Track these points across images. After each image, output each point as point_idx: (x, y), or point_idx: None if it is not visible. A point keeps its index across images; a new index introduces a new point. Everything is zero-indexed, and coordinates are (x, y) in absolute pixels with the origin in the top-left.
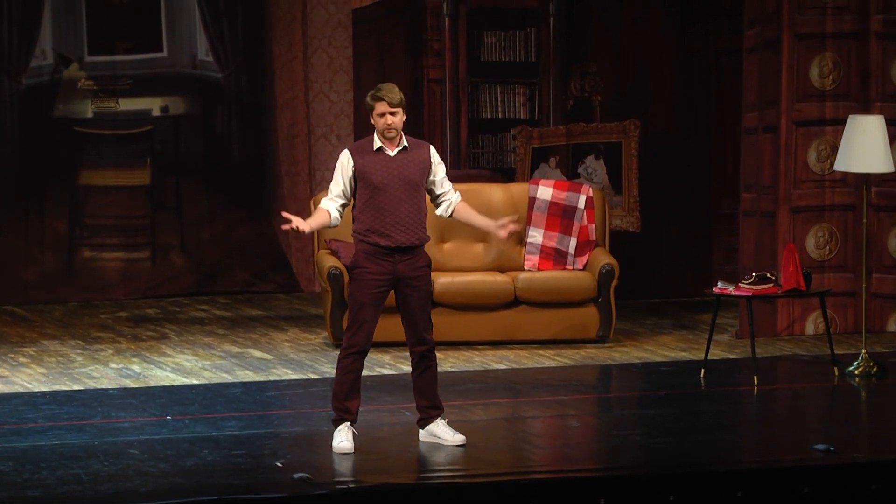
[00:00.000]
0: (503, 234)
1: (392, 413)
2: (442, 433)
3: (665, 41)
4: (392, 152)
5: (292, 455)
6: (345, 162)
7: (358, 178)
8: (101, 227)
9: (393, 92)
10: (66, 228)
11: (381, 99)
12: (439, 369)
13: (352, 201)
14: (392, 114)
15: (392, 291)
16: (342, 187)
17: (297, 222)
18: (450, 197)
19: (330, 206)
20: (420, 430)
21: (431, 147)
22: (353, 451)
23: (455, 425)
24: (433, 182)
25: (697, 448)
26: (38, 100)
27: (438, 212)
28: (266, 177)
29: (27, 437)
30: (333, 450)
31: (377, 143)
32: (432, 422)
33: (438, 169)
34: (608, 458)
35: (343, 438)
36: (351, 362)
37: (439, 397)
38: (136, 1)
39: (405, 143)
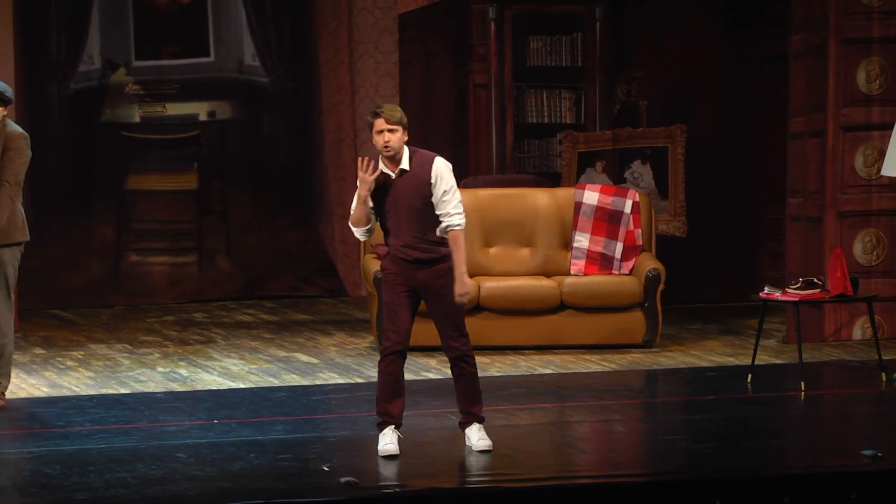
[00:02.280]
0: (456, 298)
1: (437, 417)
2: (470, 436)
3: (711, 46)
4: (393, 175)
5: (338, 459)
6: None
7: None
8: (147, 231)
9: (393, 110)
10: (113, 233)
11: (378, 115)
12: (485, 373)
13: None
14: (390, 131)
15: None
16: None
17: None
18: (444, 221)
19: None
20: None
21: (436, 161)
22: (397, 453)
23: (501, 430)
24: (435, 200)
25: (744, 454)
26: (86, 105)
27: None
28: (312, 181)
29: (74, 440)
30: (378, 453)
31: (381, 166)
32: (469, 426)
33: (439, 186)
34: (654, 463)
35: (387, 441)
36: (388, 364)
37: (478, 405)
38: (184, 6)
39: (406, 164)
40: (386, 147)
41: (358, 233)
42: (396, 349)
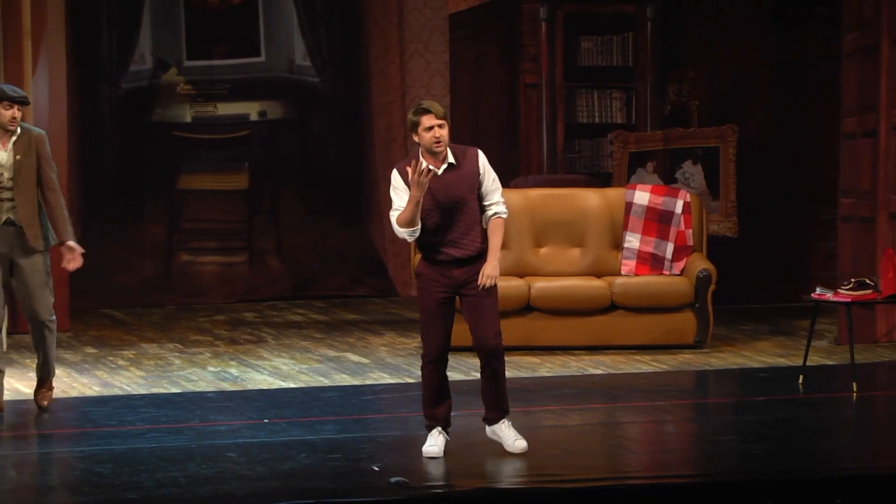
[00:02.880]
0: (479, 279)
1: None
2: (504, 436)
3: (762, 46)
4: (439, 171)
5: (389, 459)
6: (397, 182)
7: None
8: (198, 231)
9: (436, 105)
10: (165, 233)
11: (427, 111)
12: (535, 374)
13: None
14: (440, 126)
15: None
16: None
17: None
18: (489, 210)
19: None
20: (486, 427)
21: (480, 154)
22: (441, 455)
23: (551, 430)
24: (481, 193)
25: (795, 455)
26: (137, 104)
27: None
28: (362, 181)
29: (126, 439)
30: (423, 454)
31: (423, 163)
32: (496, 423)
33: (486, 178)
34: (705, 464)
35: (431, 443)
36: (430, 372)
37: (506, 401)
38: (235, 6)
39: (451, 158)
40: (438, 143)
41: (405, 233)
42: (436, 357)
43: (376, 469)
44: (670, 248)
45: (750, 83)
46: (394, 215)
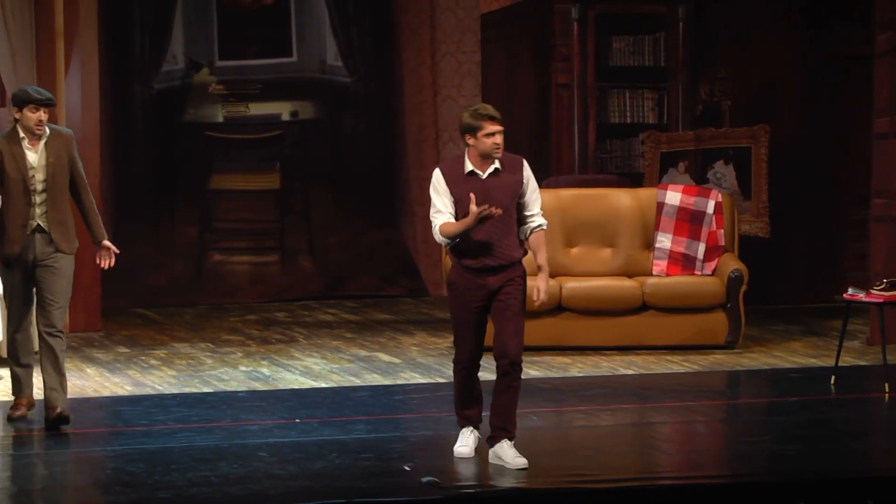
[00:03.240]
0: (534, 296)
1: (519, 418)
2: (504, 454)
3: (794, 46)
4: (484, 175)
5: (420, 459)
6: (439, 183)
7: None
8: (230, 231)
9: (495, 110)
10: (196, 233)
11: (491, 118)
12: (566, 374)
13: None
14: (500, 133)
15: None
16: (447, 208)
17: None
18: (532, 222)
19: (451, 219)
20: (489, 449)
21: (525, 164)
22: (472, 455)
23: (582, 431)
24: (523, 202)
25: (827, 455)
26: (169, 104)
27: (519, 232)
28: (394, 181)
29: (157, 438)
30: (454, 454)
31: (468, 165)
32: (498, 443)
33: (529, 187)
34: (736, 464)
35: (463, 443)
36: (463, 377)
37: (515, 418)
38: (267, 7)
39: (497, 163)
40: (497, 149)
41: (444, 241)
42: (466, 365)
43: (408, 469)
44: (702, 248)
45: (782, 83)
46: (437, 219)
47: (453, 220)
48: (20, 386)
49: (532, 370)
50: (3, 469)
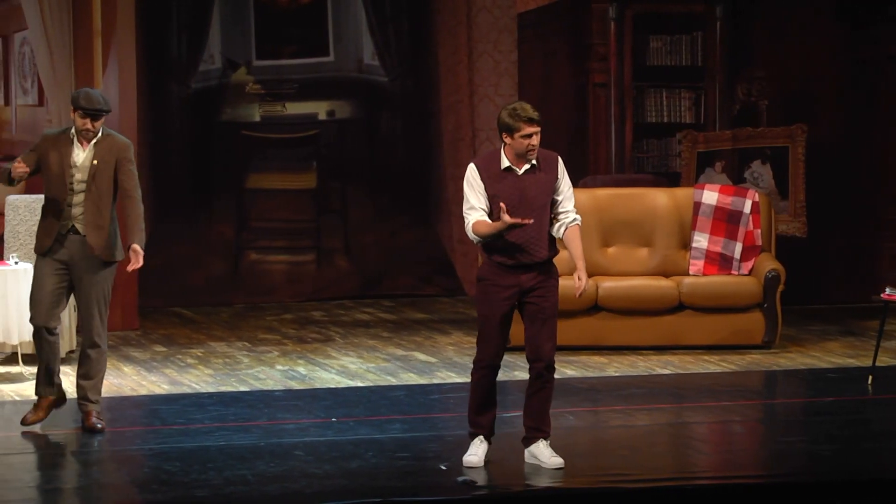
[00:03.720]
0: (576, 285)
1: (555, 417)
2: (540, 454)
3: (833, 46)
4: (520, 171)
5: (456, 458)
6: (474, 179)
7: (487, 197)
8: (266, 230)
9: (535, 111)
10: (233, 232)
11: (531, 121)
12: (602, 374)
13: None
14: (537, 135)
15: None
16: (480, 204)
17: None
18: (565, 218)
19: (485, 217)
20: (524, 449)
21: (560, 161)
22: (481, 465)
23: (618, 431)
24: (557, 199)
25: (864, 455)
26: (206, 104)
27: (553, 230)
28: (430, 181)
29: (194, 437)
30: (463, 463)
31: (505, 161)
32: (534, 443)
33: (563, 183)
34: (773, 464)
35: (472, 452)
36: (480, 377)
37: (549, 418)
38: (304, 6)
39: (534, 160)
40: (532, 151)
41: (476, 239)
42: (489, 363)
43: (444, 468)
44: (739, 247)
45: (820, 83)
46: (470, 216)
47: (487, 218)
48: (39, 385)
49: (568, 370)
50: (40, 467)
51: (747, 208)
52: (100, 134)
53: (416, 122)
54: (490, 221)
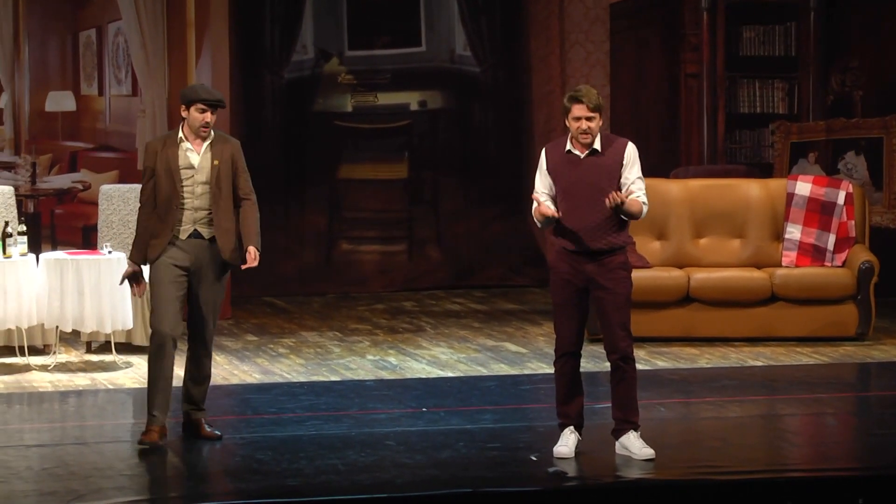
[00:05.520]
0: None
1: (647, 409)
2: (631, 445)
3: None
4: (582, 155)
5: (547, 449)
6: (542, 163)
7: (552, 179)
8: (358, 220)
9: (591, 95)
10: (326, 222)
11: (579, 101)
12: (694, 365)
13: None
14: (588, 119)
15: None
16: (546, 189)
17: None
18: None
19: (549, 203)
20: (615, 442)
21: (629, 146)
22: (572, 455)
23: (710, 422)
24: (624, 183)
25: None
26: (299, 94)
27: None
28: (522, 172)
29: (286, 426)
30: (553, 454)
31: (568, 145)
32: (624, 434)
33: (629, 170)
34: (867, 457)
35: (563, 443)
36: (562, 365)
37: (636, 408)
38: None
39: (598, 145)
40: (584, 134)
41: (538, 222)
42: (568, 350)
43: (534, 459)
44: (832, 239)
45: None
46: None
47: (550, 202)
48: (155, 402)
49: (660, 361)
50: (133, 457)
51: (841, 199)
52: (212, 134)
53: (507, 112)
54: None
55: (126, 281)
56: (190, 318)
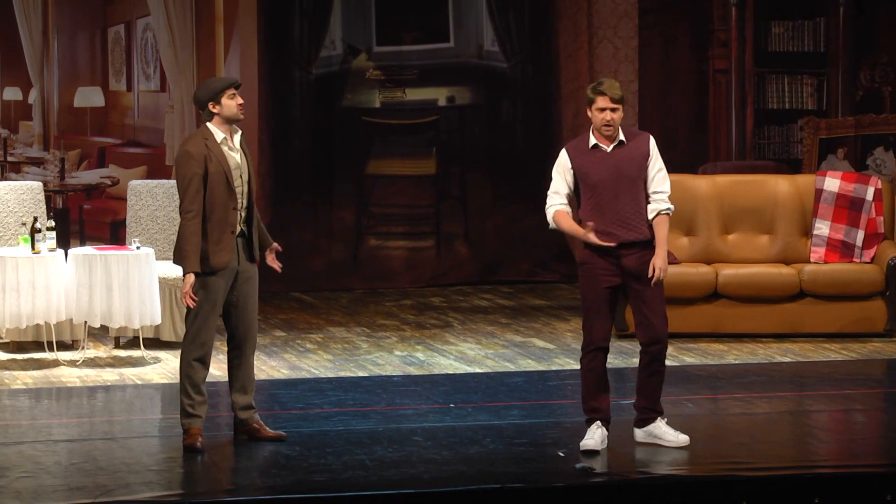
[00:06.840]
0: (649, 273)
1: (674, 405)
2: (665, 434)
3: None
4: (608, 148)
5: (574, 445)
6: (563, 161)
7: (577, 177)
8: (386, 216)
9: (614, 87)
10: (354, 218)
11: (602, 93)
12: (722, 361)
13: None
14: (612, 110)
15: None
16: (565, 189)
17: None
18: (658, 203)
19: (567, 208)
20: (636, 430)
21: (651, 139)
22: (599, 449)
23: (738, 418)
24: (647, 176)
25: None
26: (328, 90)
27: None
28: (550, 167)
29: (313, 422)
30: (580, 448)
31: (592, 140)
32: (652, 423)
33: (654, 163)
34: (895, 454)
35: (590, 436)
36: (589, 360)
37: (660, 401)
38: None
39: (622, 137)
40: (608, 126)
41: (552, 226)
42: (598, 346)
43: (562, 455)
44: (861, 235)
45: None
46: (551, 199)
47: (568, 204)
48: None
49: (688, 357)
50: (162, 451)
51: (870, 195)
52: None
53: (535, 108)
54: (570, 214)
55: (189, 294)
56: (238, 319)
